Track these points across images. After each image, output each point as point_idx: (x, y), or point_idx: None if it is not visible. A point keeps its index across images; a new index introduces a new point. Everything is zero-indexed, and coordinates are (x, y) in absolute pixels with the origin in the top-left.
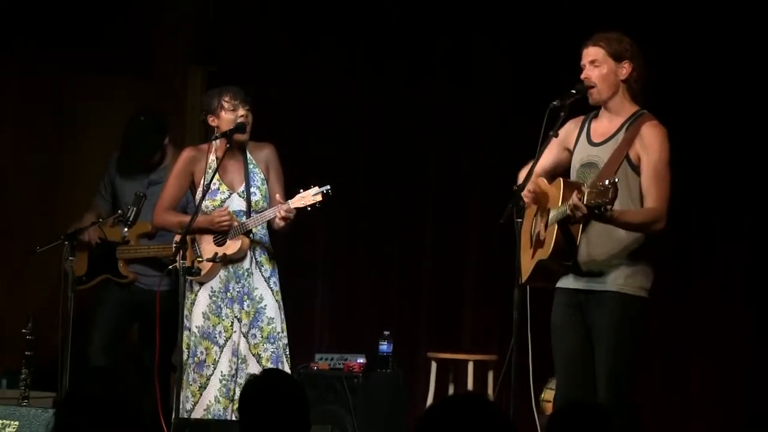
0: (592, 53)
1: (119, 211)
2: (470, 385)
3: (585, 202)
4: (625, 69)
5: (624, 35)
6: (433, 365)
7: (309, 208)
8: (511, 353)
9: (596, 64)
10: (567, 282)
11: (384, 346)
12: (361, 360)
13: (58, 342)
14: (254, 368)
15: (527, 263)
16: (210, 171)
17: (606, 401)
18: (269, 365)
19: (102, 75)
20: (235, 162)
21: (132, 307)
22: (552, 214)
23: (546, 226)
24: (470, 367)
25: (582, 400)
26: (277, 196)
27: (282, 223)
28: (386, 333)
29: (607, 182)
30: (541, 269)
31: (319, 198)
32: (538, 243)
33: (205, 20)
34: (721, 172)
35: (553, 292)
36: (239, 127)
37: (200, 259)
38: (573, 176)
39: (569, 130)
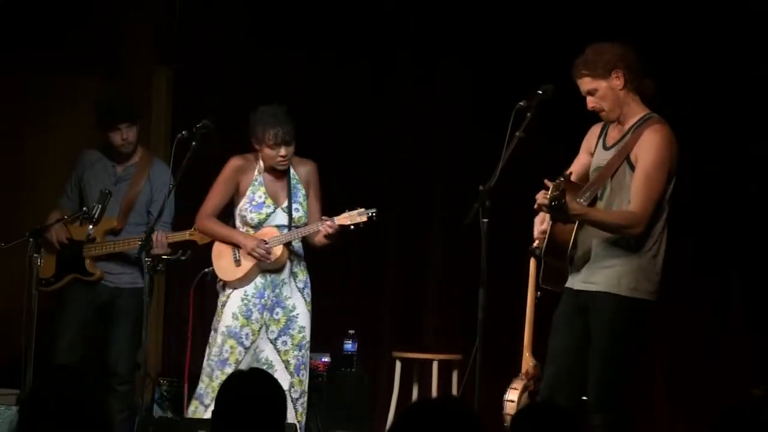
0: (583, 86)
1: (84, 209)
2: (434, 385)
3: (548, 198)
4: (618, 79)
5: (595, 45)
6: (398, 365)
7: (353, 227)
8: (475, 353)
9: (592, 92)
10: (570, 282)
11: (349, 345)
12: (326, 359)
13: (22, 339)
14: (282, 374)
15: None
16: (256, 184)
17: (593, 404)
18: (295, 372)
19: (66, 75)
20: (279, 176)
21: (97, 306)
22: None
23: None
24: (435, 366)
25: (547, 401)
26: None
27: (324, 240)
28: (351, 332)
29: (561, 177)
30: (548, 265)
31: (364, 219)
32: None
33: (170, 19)
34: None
35: (513, 294)
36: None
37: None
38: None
39: (592, 134)
